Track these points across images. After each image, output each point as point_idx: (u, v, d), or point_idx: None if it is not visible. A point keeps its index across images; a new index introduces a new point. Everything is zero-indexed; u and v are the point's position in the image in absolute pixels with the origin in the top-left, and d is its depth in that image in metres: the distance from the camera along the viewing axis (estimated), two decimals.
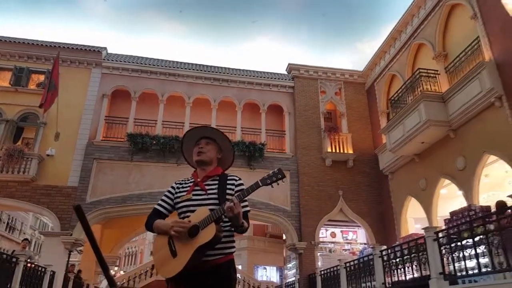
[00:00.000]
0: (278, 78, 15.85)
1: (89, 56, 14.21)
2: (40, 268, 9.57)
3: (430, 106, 10.77)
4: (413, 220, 13.43)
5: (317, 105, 15.51)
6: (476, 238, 6.04)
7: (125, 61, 14.66)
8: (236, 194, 1.99)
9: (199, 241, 1.91)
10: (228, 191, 2.12)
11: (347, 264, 10.23)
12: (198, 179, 2.18)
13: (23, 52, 13.77)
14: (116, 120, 13.99)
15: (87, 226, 1.48)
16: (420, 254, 7.31)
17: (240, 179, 2.22)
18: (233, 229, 2.05)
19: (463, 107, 10.17)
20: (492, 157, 9.74)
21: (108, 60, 14.46)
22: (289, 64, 15.96)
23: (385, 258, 8.50)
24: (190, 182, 2.22)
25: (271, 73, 16.27)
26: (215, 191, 2.11)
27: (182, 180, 2.28)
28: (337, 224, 14.25)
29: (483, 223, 5.82)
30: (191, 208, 2.06)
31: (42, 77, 13.88)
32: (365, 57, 17.90)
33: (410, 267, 7.70)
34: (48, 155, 12.52)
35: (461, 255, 6.26)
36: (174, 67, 15.05)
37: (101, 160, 13.10)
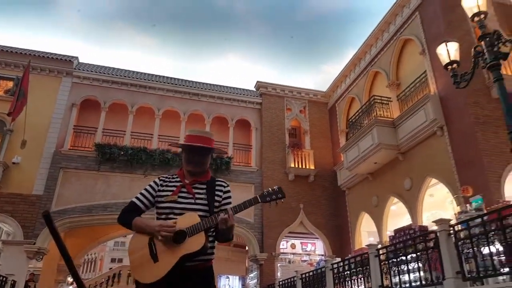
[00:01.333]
0: (247, 95, 16.57)
1: (60, 65, 14.31)
2: (1, 278, 9.63)
3: (382, 130, 11.83)
4: (366, 233, 14.45)
5: (282, 121, 16.34)
6: (409, 256, 6.93)
7: (96, 72, 14.86)
8: (232, 207, 1.95)
9: (185, 249, 1.82)
10: (216, 198, 2.07)
11: (303, 276, 10.97)
12: (186, 181, 2.11)
13: None
14: (84, 129, 14.14)
15: (56, 233, 1.46)
16: (365, 268, 8.15)
17: (228, 185, 2.21)
18: (216, 237, 2.01)
19: (411, 133, 11.28)
20: (435, 179, 10.88)
21: (79, 69, 14.62)
22: (257, 81, 16.73)
23: (335, 271, 9.31)
24: (176, 182, 2.13)
25: (240, 89, 16.95)
26: (204, 196, 2.04)
27: (166, 177, 2.20)
28: (297, 236, 15.04)
29: (414, 243, 6.72)
30: (175, 211, 1.97)
31: (10, 84, 13.82)
32: (329, 77, 19.07)
33: (356, 280, 8.53)
34: (14, 163, 12.50)
35: (397, 270, 7.14)
36: (145, 79, 15.41)
37: (67, 169, 13.22)
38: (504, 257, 5.27)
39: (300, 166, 15.35)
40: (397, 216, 12.97)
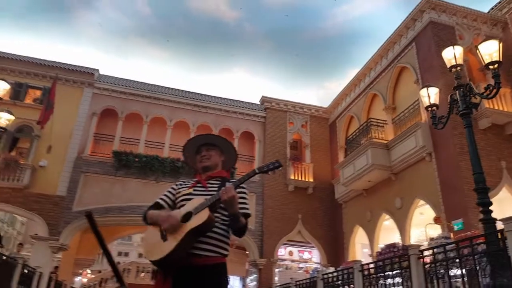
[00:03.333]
0: (252, 108, 17.66)
1: (82, 77, 15.55)
2: (32, 270, 10.87)
3: (376, 152, 12.85)
4: (360, 245, 15.47)
5: (284, 135, 17.41)
6: (392, 272, 7.97)
7: (115, 83, 16.07)
8: (232, 182, 2.03)
9: (191, 224, 1.88)
10: None
11: (297, 283, 12.05)
12: (201, 179, 2.22)
13: (22, 69, 14.96)
14: (103, 137, 15.36)
15: (97, 232, 1.59)
16: (350, 281, 9.21)
17: (244, 187, 2.25)
18: (230, 227, 2.03)
19: (402, 156, 12.28)
20: (423, 201, 11.87)
21: (99, 81, 15.83)
22: (262, 96, 17.82)
23: (325, 280, 10.38)
24: (193, 181, 2.25)
25: (246, 102, 18.03)
26: (216, 188, 2.10)
27: (184, 181, 2.32)
28: (295, 244, 16.14)
29: (391, 263, 7.76)
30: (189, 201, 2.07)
31: (38, 93, 15.09)
32: (331, 93, 20.16)
33: None
34: (40, 166, 13.77)
35: (377, 285, 8.19)
36: (158, 92, 16.59)
37: (87, 173, 14.45)
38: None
39: (299, 178, 16.41)
40: (390, 230, 13.92)
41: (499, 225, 5.53)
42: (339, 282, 9.73)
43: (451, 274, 6.24)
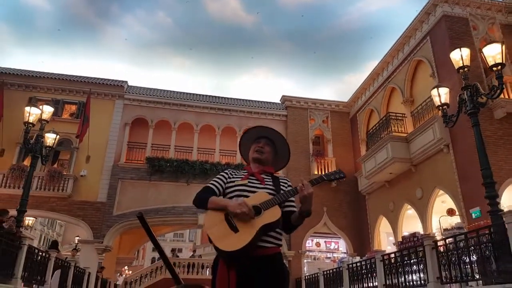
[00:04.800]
0: (273, 108, 18.31)
1: (113, 90, 16.69)
2: (82, 271, 12.13)
3: (395, 145, 13.25)
4: (385, 234, 15.95)
5: (306, 132, 17.97)
6: (410, 261, 8.51)
7: (143, 94, 17.14)
8: (309, 180, 2.03)
9: (264, 220, 1.90)
10: (281, 187, 2.13)
11: (325, 272, 12.76)
12: (254, 171, 2.19)
13: (58, 86, 16.27)
14: (136, 145, 16.49)
15: (149, 231, 1.61)
16: (373, 269, 9.82)
17: (289, 181, 2.26)
18: (288, 224, 2.08)
19: (421, 149, 12.65)
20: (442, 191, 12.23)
21: (129, 92, 16.94)
22: (282, 96, 18.43)
23: (350, 270, 11.02)
24: (243, 173, 2.21)
25: (267, 102, 18.71)
26: (271, 183, 2.12)
27: (234, 171, 2.29)
28: (322, 235, 16.79)
29: (408, 253, 8.32)
30: (245, 193, 2.05)
31: (74, 108, 16.38)
32: (350, 87, 20.53)
33: (366, 279, 10.22)
34: (81, 175, 15.05)
35: (397, 273, 8.76)
36: (184, 99, 17.54)
37: (124, 180, 15.63)
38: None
39: (323, 173, 16.93)
40: (413, 218, 14.32)
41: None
42: (364, 271, 10.36)
43: (465, 260, 6.76)
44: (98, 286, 14.04)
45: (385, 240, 15.88)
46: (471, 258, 6.54)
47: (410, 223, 14.14)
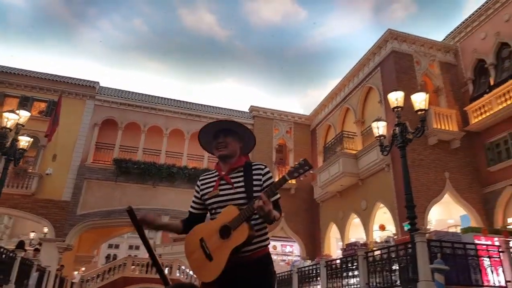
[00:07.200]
0: (241, 116, 19.38)
1: (84, 90, 17.06)
2: (43, 269, 12.59)
3: (346, 161, 14.77)
4: (335, 239, 17.51)
5: (271, 141, 19.21)
6: (351, 267, 9.90)
7: (114, 95, 17.62)
8: (264, 191, 1.94)
9: (233, 243, 1.91)
10: (255, 182, 2.08)
11: (278, 275, 14.00)
12: (223, 172, 2.15)
13: (28, 83, 16.41)
14: (104, 146, 16.97)
15: (139, 226, 1.71)
16: (317, 274, 11.17)
17: (266, 166, 2.19)
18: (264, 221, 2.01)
19: (367, 166, 14.23)
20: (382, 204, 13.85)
21: (100, 93, 17.37)
22: (251, 106, 19.57)
23: (299, 274, 12.33)
24: (215, 176, 2.17)
25: (236, 111, 19.76)
26: (242, 184, 2.08)
27: (206, 174, 2.24)
28: (278, 239, 18.09)
29: (346, 261, 9.71)
30: (221, 204, 2.05)
31: (43, 105, 16.60)
32: (313, 100, 22.33)
33: (313, 282, 11.56)
34: (47, 174, 15.37)
35: (338, 278, 10.13)
36: (155, 102, 18.20)
37: (90, 180, 16.10)
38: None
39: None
40: (360, 226, 15.93)
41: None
42: (313, 275, 11.71)
43: (389, 269, 8.19)
44: (56, 284, 14.46)
45: (334, 245, 17.44)
46: (392, 268, 7.97)
47: (357, 230, 15.73)
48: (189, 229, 2.15)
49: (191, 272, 18.63)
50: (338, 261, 10.29)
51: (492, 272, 7.37)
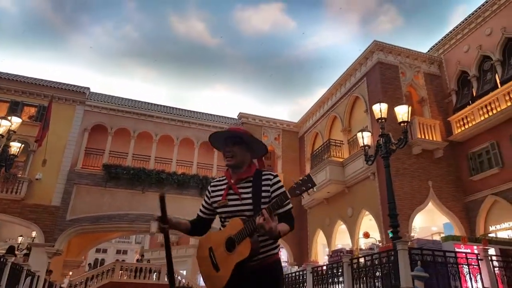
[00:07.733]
0: (230, 123, 19.63)
1: (74, 95, 17.12)
2: (33, 274, 12.58)
3: (333, 169, 15.11)
4: (322, 245, 17.81)
5: None
6: (336, 273, 10.19)
7: (104, 101, 17.70)
8: (266, 207, 1.93)
9: (237, 257, 1.95)
10: (263, 194, 2.09)
11: None
12: (232, 181, 2.16)
13: (18, 88, 16.41)
14: (94, 151, 17.02)
15: (165, 214, 1.86)
16: (303, 280, 11.43)
17: (276, 176, 2.18)
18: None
19: (354, 174, 14.58)
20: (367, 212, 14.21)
21: (90, 99, 17.43)
22: (240, 112, 19.83)
23: (285, 280, 12.57)
24: (224, 184, 2.20)
25: (225, 117, 20.01)
26: (249, 195, 2.09)
27: (217, 181, 2.27)
28: None
29: (332, 267, 10.00)
30: (230, 215, 2.10)
31: (33, 110, 16.59)
32: (302, 108, 22.81)
33: None
34: (36, 179, 15.35)
35: (324, 283, 10.41)
36: (145, 108, 18.33)
37: (80, 185, 16.13)
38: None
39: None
40: (346, 233, 16.29)
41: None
42: (300, 281, 11.96)
43: (372, 276, 8.49)
44: None
45: (321, 251, 17.73)
46: (376, 274, 8.28)
47: (344, 237, 16.05)
48: (196, 232, 2.26)
49: (179, 277, 18.71)
50: (324, 268, 10.56)
51: (471, 279, 7.71)
